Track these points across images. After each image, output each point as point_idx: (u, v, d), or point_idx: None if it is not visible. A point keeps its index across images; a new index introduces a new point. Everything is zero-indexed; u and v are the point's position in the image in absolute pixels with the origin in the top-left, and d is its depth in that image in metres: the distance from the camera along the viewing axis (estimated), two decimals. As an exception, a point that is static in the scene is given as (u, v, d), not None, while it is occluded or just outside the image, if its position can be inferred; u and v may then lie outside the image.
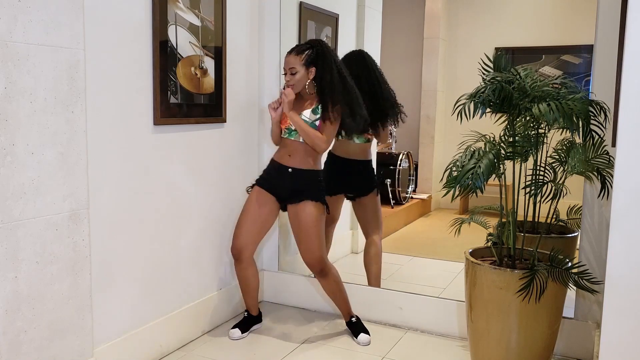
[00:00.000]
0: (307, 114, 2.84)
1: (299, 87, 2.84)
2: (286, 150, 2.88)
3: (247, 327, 3.05)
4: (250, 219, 2.90)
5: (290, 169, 2.86)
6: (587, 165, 2.34)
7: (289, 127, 2.85)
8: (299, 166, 2.86)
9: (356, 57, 3.30)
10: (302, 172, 2.86)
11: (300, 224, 2.85)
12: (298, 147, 2.86)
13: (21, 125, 1.96)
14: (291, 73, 2.83)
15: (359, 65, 3.22)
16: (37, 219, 2.04)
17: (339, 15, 4.09)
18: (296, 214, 2.86)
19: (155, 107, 2.60)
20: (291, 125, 2.83)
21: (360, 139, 3.31)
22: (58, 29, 2.05)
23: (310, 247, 2.85)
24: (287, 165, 2.86)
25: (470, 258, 2.52)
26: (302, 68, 2.83)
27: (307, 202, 2.83)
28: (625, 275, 1.71)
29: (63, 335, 2.18)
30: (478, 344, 2.53)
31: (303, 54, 2.84)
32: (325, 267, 2.90)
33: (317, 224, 2.84)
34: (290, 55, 2.86)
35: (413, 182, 5.60)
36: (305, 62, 2.83)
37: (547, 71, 5.01)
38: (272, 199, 2.92)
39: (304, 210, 2.83)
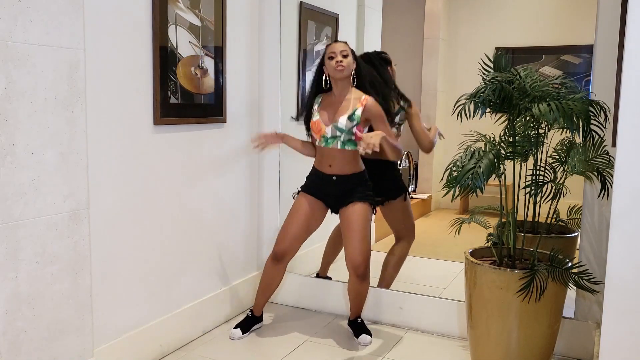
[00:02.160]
0: (344, 121, 2.77)
1: (348, 72, 2.78)
2: (326, 160, 2.84)
3: (249, 327, 3.05)
4: (299, 224, 2.89)
5: (334, 177, 2.84)
6: (587, 165, 2.34)
7: (325, 135, 2.80)
8: (342, 173, 2.83)
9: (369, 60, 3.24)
10: (346, 177, 2.84)
11: (348, 225, 2.83)
12: (336, 154, 2.82)
13: (21, 125, 1.96)
14: (343, 55, 2.76)
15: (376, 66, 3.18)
16: (37, 219, 2.04)
17: (339, 15, 4.09)
18: (346, 216, 2.85)
19: (155, 107, 2.60)
20: (327, 133, 2.79)
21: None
22: (58, 29, 2.05)
23: (357, 248, 2.81)
24: (330, 174, 2.84)
25: (470, 258, 2.52)
26: (351, 55, 2.80)
27: (355, 203, 2.82)
28: (625, 275, 1.71)
29: (63, 335, 2.18)
30: (478, 344, 2.53)
31: (348, 45, 2.83)
32: (368, 270, 2.87)
33: (365, 226, 2.82)
34: (339, 43, 2.82)
35: (413, 182, 5.60)
36: (353, 53, 2.82)
37: (547, 71, 5.01)
38: (320, 205, 2.92)
39: (353, 212, 2.82)
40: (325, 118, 2.82)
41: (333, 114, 2.81)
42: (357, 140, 2.71)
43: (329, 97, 2.88)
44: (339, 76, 2.78)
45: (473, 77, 2.64)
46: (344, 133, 2.78)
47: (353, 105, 2.79)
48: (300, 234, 2.92)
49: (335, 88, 2.85)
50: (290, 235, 2.90)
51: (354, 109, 2.78)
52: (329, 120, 2.81)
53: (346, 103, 2.81)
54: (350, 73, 2.81)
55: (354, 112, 2.77)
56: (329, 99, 2.87)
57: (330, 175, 2.84)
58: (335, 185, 2.85)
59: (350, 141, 2.80)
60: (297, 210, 2.91)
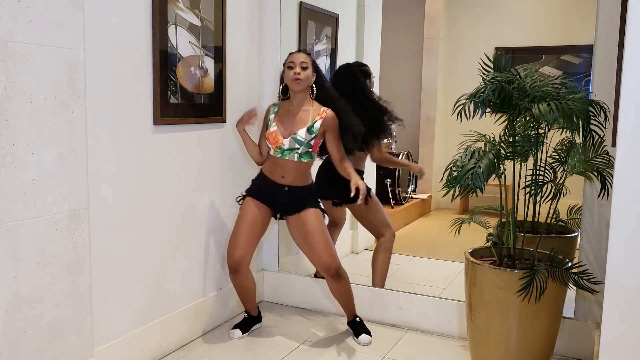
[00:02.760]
0: (303, 134, 2.76)
1: (305, 85, 2.79)
2: (279, 170, 2.82)
3: (248, 327, 3.05)
4: (247, 231, 2.85)
5: (286, 187, 2.82)
6: (587, 165, 2.34)
7: (281, 146, 2.78)
8: (295, 184, 2.83)
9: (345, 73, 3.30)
10: (299, 188, 2.84)
11: (306, 231, 2.82)
12: (292, 166, 2.81)
13: (21, 125, 1.96)
14: (302, 67, 2.76)
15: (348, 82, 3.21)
16: (37, 219, 2.04)
17: (339, 15, 4.09)
18: (300, 224, 2.83)
19: (155, 107, 2.60)
20: (284, 145, 2.77)
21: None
22: (58, 29, 2.05)
23: (323, 252, 2.81)
24: (282, 184, 2.82)
25: (470, 258, 2.52)
26: (311, 67, 2.80)
27: (308, 210, 2.82)
28: (625, 275, 1.71)
29: (63, 335, 2.18)
30: (478, 344, 2.53)
31: (311, 57, 2.83)
32: (340, 269, 2.86)
33: (322, 228, 2.83)
34: (300, 53, 2.82)
35: (413, 182, 5.60)
36: (313, 64, 2.82)
37: (547, 71, 5.01)
38: (266, 209, 2.89)
39: (307, 218, 2.81)
40: (283, 129, 2.80)
41: (291, 125, 2.80)
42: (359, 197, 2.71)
43: (287, 106, 2.87)
44: (296, 88, 2.79)
45: (473, 77, 2.64)
46: (302, 146, 2.77)
47: (312, 117, 2.79)
48: (251, 239, 2.87)
49: (293, 98, 2.85)
50: (240, 244, 2.85)
51: (313, 121, 2.78)
52: (287, 132, 2.79)
53: (304, 114, 2.81)
54: (308, 85, 2.81)
55: (312, 124, 2.77)
56: (287, 107, 2.86)
57: (282, 185, 2.82)
58: (287, 195, 2.83)
59: (307, 153, 2.80)
60: (245, 216, 2.86)
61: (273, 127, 2.83)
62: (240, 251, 2.85)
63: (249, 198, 2.90)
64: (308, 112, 2.81)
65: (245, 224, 2.86)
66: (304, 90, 2.82)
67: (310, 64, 2.80)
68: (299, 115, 2.81)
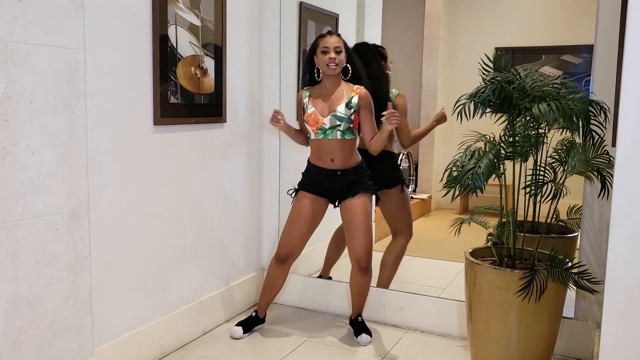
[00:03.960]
0: (342, 110, 2.76)
1: (341, 68, 2.79)
2: (326, 154, 2.82)
3: (250, 327, 3.05)
4: (302, 225, 2.88)
5: (338, 171, 2.82)
6: (587, 165, 2.34)
7: (322, 126, 2.78)
8: (345, 166, 2.83)
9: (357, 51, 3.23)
10: (350, 170, 2.84)
11: (352, 217, 2.83)
12: (337, 146, 2.80)
13: (21, 125, 1.96)
14: (337, 51, 2.75)
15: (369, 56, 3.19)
16: (37, 219, 2.04)
17: (339, 15, 4.08)
18: (349, 208, 2.84)
19: (155, 107, 2.60)
20: (325, 124, 2.77)
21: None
22: (58, 29, 2.05)
23: (360, 242, 2.82)
24: (333, 169, 2.82)
25: (470, 258, 2.52)
26: (344, 49, 2.79)
27: (358, 196, 2.82)
28: (625, 275, 1.71)
29: (63, 335, 2.18)
30: (478, 344, 2.53)
31: (342, 38, 2.82)
32: (370, 263, 2.89)
33: (367, 218, 2.83)
34: (333, 36, 2.79)
35: (413, 182, 5.60)
36: (345, 46, 2.81)
37: (547, 71, 5.01)
38: (322, 201, 2.90)
39: (357, 204, 2.82)
40: (321, 109, 2.81)
41: (328, 104, 2.80)
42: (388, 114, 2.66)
43: (318, 90, 2.87)
44: (332, 73, 2.78)
45: (473, 77, 2.64)
46: (343, 122, 2.77)
47: (347, 94, 2.80)
48: (304, 234, 2.91)
49: (326, 81, 2.84)
50: (295, 236, 2.90)
51: (349, 97, 2.78)
52: (326, 110, 2.80)
53: (339, 93, 2.81)
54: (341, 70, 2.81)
55: (350, 99, 2.78)
56: (319, 91, 2.86)
57: (334, 170, 2.83)
58: (339, 180, 2.84)
59: (349, 130, 2.80)
60: (300, 210, 2.89)
61: (310, 109, 2.83)
62: (292, 244, 2.90)
63: (302, 192, 2.90)
64: (342, 91, 2.81)
65: (300, 218, 2.88)
66: (340, 72, 2.82)
67: (343, 45, 2.79)
68: (334, 95, 2.81)
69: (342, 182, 2.84)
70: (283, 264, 2.95)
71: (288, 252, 2.92)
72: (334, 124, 2.78)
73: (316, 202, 2.89)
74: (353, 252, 2.86)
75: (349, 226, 2.86)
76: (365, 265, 2.86)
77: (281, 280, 3.01)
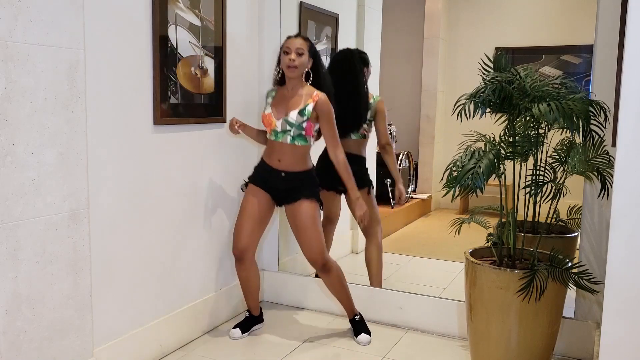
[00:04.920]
0: (294, 116, 2.76)
1: (301, 71, 2.79)
2: (275, 154, 2.84)
3: (248, 327, 3.05)
4: (250, 218, 2.89)
5: (282, 172, 2.83)
6: (587, 165, 2.34)
7: (275, 128, 2.80)
8: (291, 169, 2.83)
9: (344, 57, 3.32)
10: (295, 174, 2.84)
11: (298, 222, 2.85)
12: (287, 149, 2.81)
13: (21, 125, 1.96)
14: (298, 53, 2.75)
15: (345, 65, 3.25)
16: (37, 219, 2.04)
17: (339, 15, 4.08)
18: (293, 213, 2.86)
19: (155, 107, 2.60)
20: (277, 127, 2.79)
21: (356, 135, 3.32)
22: (58, 29, 2.05)
23: (310, 243, 2.85)
24: (278, 169, 2.84)
25: (470, 258, 2.52)
26: (307, 53, 2.79)
27: (302, 200, 2.83)
28: (625, 275, 1.71)
29: (63, 335, 2.18)
30: (478, 344, 2.53)
31: (308, 42, 2.82)
32: (327, 262, 2.90)
33: (314, 221, 2.84)
34: (297, 39, 2.79)
35: (413, 182, 5.60)
36: (310, 50, 2.80)
37: (547, 71, 5.01)
38: (267, 197, 2.91)
39: (300, 208, 2.83)
40: (276, 112, 2.82)
41: (285, 108, 2.81)
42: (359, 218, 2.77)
43: (282, 90, 2.88)
44: (290, 75, 2.79)
45: (473, 77, 2.64)
46: (294, 127, 2.77)
47: (305, 100, 2.79)
48: (254, 228, 2.90)
49: (288, 82, 2.85)
50: (245, 232, 2.89)
51: (305, 104, 2.78)
52: (280, 114, 2.81)
53: (297, 98, 2.81)
54: (303, 72, 2.80)
55: (305, 107, 2.77)
56: (282, 92, 2.87)
57: (278, 170, 2.84)
58: (283, 181, 2.84)
59: (300, 136, 2.79)
60: (247, 205, 2.90)
61: (267, 110, 2.86)
62: (244, 240, 2.89)
63: (251, 185, 2.92)
64: (301, 96, 2.81)
65: (248, 212, 2.89)
66: (299, 76, 2.81)
67: (307, 49, 2.78)
68: (293, 99, 2.81)
69: (285, 183, 2.84)
70: (241, 262, 2.93)
71: (241, 249, 2.90)
72: (284, 128, 2.79)
73: (262, 196, 2.89)
74: (306, 257, 2.89)
75: (296, 232, 2.88)
76: (321, 265, 2.89)
77: (252, 278, 2.99)
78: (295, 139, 2.79)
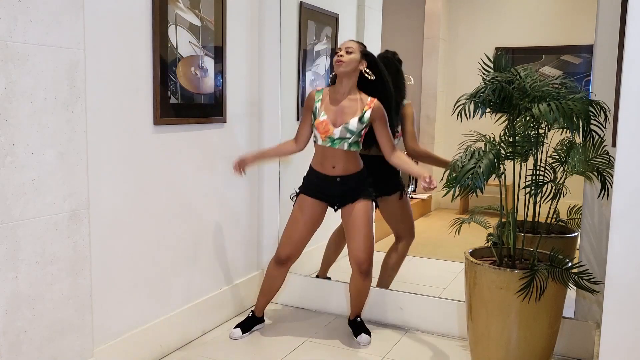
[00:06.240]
0: (355, 124, 2.74)
1: (347, 68, 2.75)
2: (329, 161, 2.81)
3: (249, 328, 3.05)
4: (303, 227, 2.88)
5: (338, 178, 2.82)
6: (587, 165, 2.34)
7: (331, 135, 2.76)
8: (346, 173, 2.82)
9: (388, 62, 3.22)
10: (350, 177, 2.83)
11: (354, 221, 2.83)
12: (340, 155, 2.79)
13: (21, 125, 1.96)
14: (347, 51, 2.75)
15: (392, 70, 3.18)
16: (37, 219, 2.04)
17: (339, 15, 4.08)
18: (350, 213, 2.85)
19: (155, 107, 2.60)
20: (334, 134, 2.75)
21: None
22: (58, 29, 2.05)
23: (363, 243, 2.83)
24: (333, 175, 2.82)
25: (470, 258, 2.52)
26: (359, 53, 2.78)
27: (358, 201, 2.83)
28: (625, 275, 1.71)
29: (63, 335, 2.18)
30: (478, 344, 2.53)
31: (361, 45, 2.83)
32: (371, 267, 2.90)
33: (369, 221, 2.85)
34: (349, 40, 2.84)
35: (413, 182, 5.60)
36: (363, 51, 2.80)
37: (547, 71, 5.01)
38: (322, 205, 2.90)
39: (357, 208, 2.82)
40: (333, 118, 2.78)
41: (341, 114, 2.78)
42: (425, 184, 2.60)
43: (332, 93, 2.84)
44: (337, 71, 2.76)
45: (473, 77, 2.64)
46: (353, 135, 2.76)
47: (361, 107, 2.77)
48: (304, 237, 2.92)
49: (339, 85, 2.81)
50: (295, 239, 2.90)
51: (363, 110, 2.76)
52: (337, 121, 2.78)
53: (352, 103, 2.78)
54: (352, 70, 2.76)
55: (363, 114, 2.76)
56: (332, 95, 2.83)
57: (334, 176, 2.83)
58: (339, 186, 2.84)
59: (356, 143, 2.79)
60: (301, 213, 2.90)
61: (322, 116, 2.80)
62: (291, 249, 2.91)
63: (303, 195, 2.91)
64: (356, 101, 2.78)
65: (300, 221, 2.89)
66: (349, 75, 2.78)
67: (357, 50, 2.78)
68: (347, 105, 2.79)
69: (341, 187, 2.84)
70: (282, 266, 2.96)
71: (288, 254, 2.93)
72: (343, 136, 2.76)
73: (316, 206, 2.90)
74: (354, 256, 2.87)
75: (350, 230, 2.87)
76: (366, 269, 2.87)
77: (280, 282, 3.02)
78: (352, 146, 2.79)
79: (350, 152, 2.81)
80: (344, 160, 2.81)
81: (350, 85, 2.79)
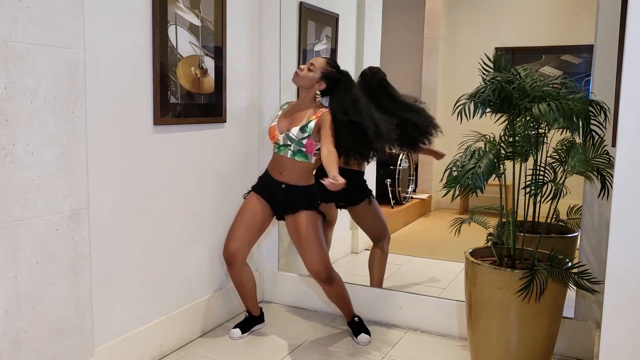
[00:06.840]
0: (295, 132, 2.76)
1: (300, 82, 2.82)
2: (277, 167, 2.84)
3: (248, 327, 3.05)
4: (246, 224, 2.88)
5: (283, 184, 2.83)
6: (587, 165, 2.34)
7: (278, 141, 2.81)
8: (291, 182, 2.82)
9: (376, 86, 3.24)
10: (295, 187, 2.83)
11: (299, 234, 2.82)
12: (287, 163, 2.81)
13: (21, 125, 1.96)
14: (309, 68, 2.80)
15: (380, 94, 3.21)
16: (37, 219, 2.04)
17: (339, 15, 4.08)
18: (294, 225, 2.84)
19: (155, 107, 2.60)
20: (279, 140, 2.80)
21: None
22: (58, 29, 2.05)
23: (313, 256, 2.82)
24: (279, 181, 2.84)
25: (470, 258, 2.52)
26: (319, 73, 2.80)
27: (302, 211, 2.81)
28: (625, 275, 1.71)
29: (63, 335, 2.18)
30: (478, 344, 2.53)
31: (329, 67, 2.82)
32: (330, 274, 2.87)
33: (315, 232, 2.82)
34: (323, 58, 2.88)
35: (413, 182, 5.60)
36: (325, 73, 2.80)
37: (547, 71, 5.01)
38: (267, 206, 2.90)
39: (301, 220, 2.81)
40: (282, 125, 2.83)
41: (290, 122, 2.82)
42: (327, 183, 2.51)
43: (294, 104, 2.92)
44: (293, 82, 2.84)
45: (473, 77, 2.64)
46: (294, 143, 2.77)
47: (308, 116, 2.79)
48: (248, 234, 2.88)
49: (300, 96, 2.90)
50: (236, 236, 2.88)
51: (307, 120, 2.77)
52: (283, 128, 2.82)
53: (302, 114, 2.81)
54: (307, 86, 2.80)
55: (307, 124, 2.76)
56: (294, 105, 2.91)
57: (280, 182, 2.84)
58: (284, 193, 2.84)
59: (300, 152, 2.79)
60: (245, 210, 2.89)
61: (274, 122, 2.88)
62: (235, 244, 2.88)
63: (252, 193, 2.93)
64: (307, 112, 2.81)
65: (244, 218, 2.89)
66: (307, 90, 2.82)
67: (320, 70, 2.79)
68: (299, 114, 2.83)
69: (285, 195, 2.83)
70: (231, 265, 2.90)
71: (231, 252, 2.88)
72: (285, 143, 2.79)
73: (261, 205, 2.88)
74: (309, 268, 2.87)
75: (298, 243, 2.86)
76: (325, 277, 2.86)
77: (245, 280, 2.96)
78: (296, 155, 2.79)
79: (296, 163, 2.80)
80: (290, 169, 2.81)
81: (308, 99, 2.84)
